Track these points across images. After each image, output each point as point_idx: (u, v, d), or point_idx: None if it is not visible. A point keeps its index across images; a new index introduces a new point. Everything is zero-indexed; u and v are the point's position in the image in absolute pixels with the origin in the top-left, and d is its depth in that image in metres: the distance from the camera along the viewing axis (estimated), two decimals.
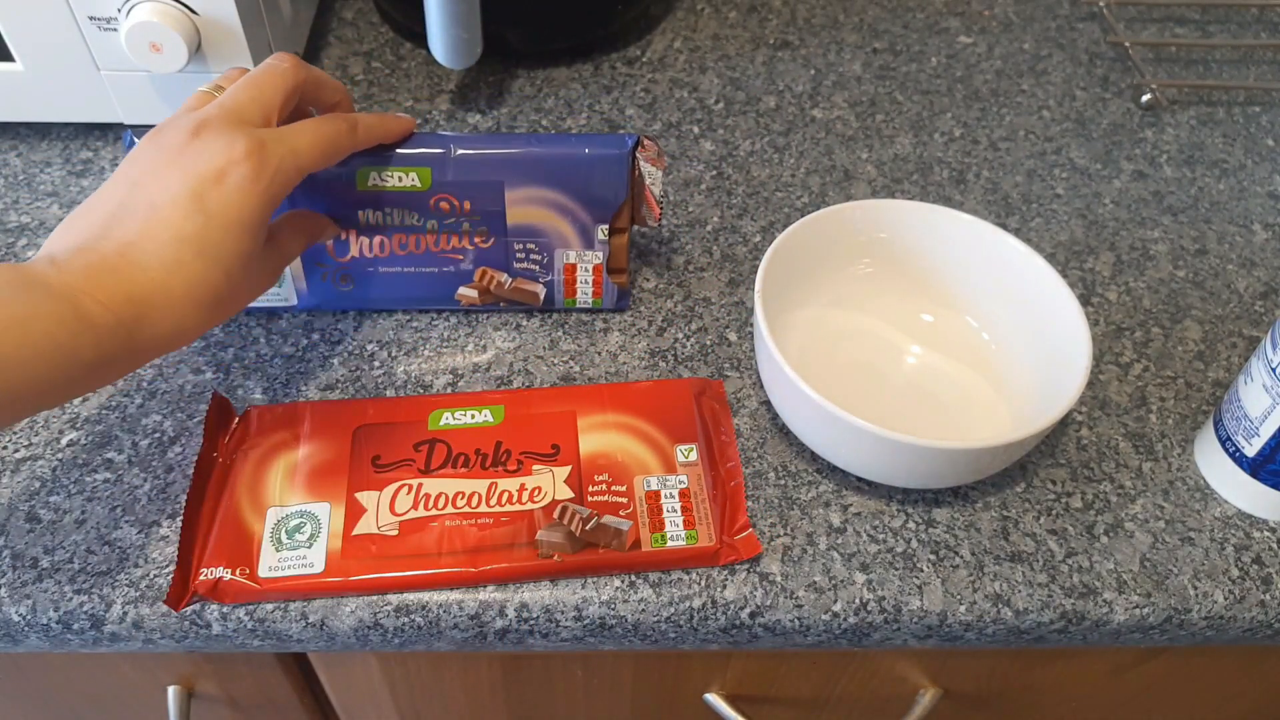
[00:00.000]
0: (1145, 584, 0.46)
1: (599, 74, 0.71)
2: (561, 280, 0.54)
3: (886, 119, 0.69)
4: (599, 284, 0.54)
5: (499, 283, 0.53)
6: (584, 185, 0.50)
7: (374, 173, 0.49)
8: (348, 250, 0.52)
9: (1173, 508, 0.49)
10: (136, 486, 0.48)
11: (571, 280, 0.54)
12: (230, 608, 0.44)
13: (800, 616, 0.45)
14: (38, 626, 0.44)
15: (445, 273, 0.53)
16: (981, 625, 0.46)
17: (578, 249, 0.53)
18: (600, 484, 0.47)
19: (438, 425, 0.49)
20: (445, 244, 0.52)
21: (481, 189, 0.50)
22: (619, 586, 0.45)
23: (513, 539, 0.45)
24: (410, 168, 0.49)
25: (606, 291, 0.55)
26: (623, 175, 0.50)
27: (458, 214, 0.51)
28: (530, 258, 0.53)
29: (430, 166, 0.49)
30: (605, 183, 0.50)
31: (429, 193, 0.50)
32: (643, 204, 0.52)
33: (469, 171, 0.50)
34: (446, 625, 0.44)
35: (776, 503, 0.48)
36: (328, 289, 0.54)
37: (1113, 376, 0.55)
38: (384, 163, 0.49)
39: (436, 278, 0.53)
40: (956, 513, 0.49)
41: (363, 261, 0.53)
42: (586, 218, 0.52)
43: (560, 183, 0.50)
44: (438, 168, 0.49)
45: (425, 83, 0.69)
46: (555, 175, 0.50)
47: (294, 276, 0.53)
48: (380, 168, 0.49)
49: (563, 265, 0.53)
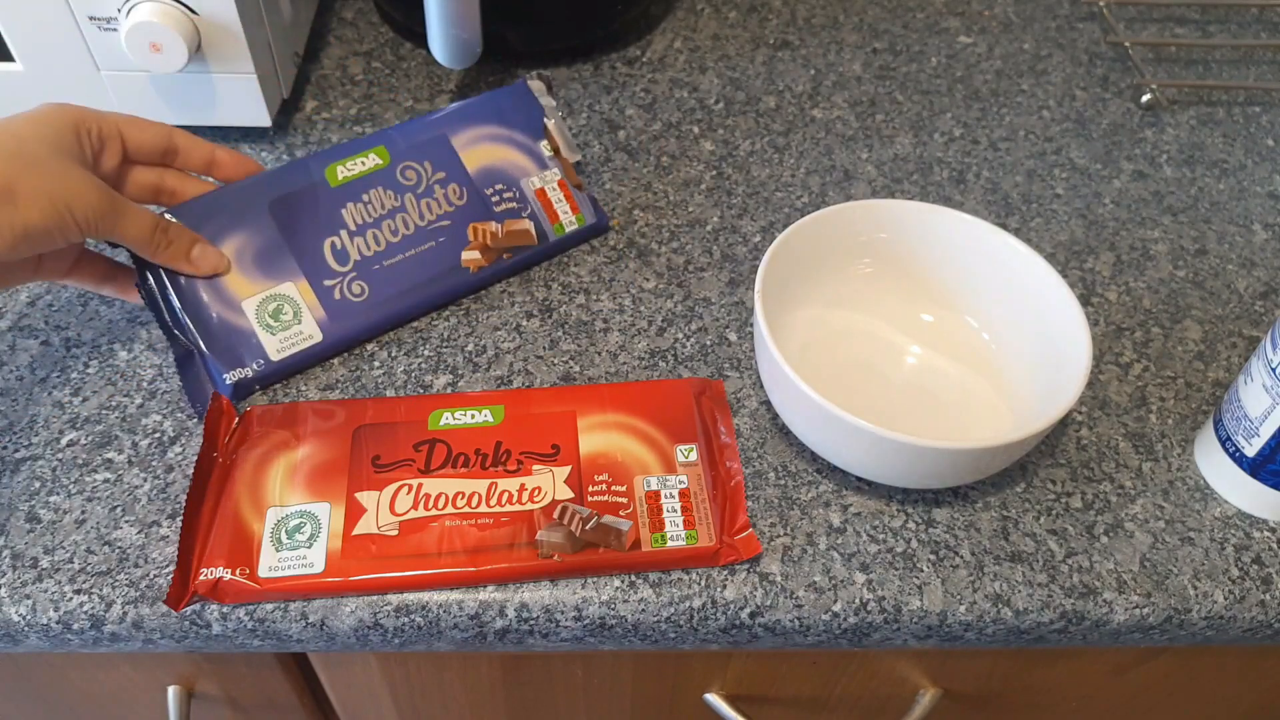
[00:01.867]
0: (1145, 584, 0.46)
1: (599, 74, 0.71)
2: (541, 209, 0.57)
3: (886, 119, 0.69)
4: (571, 199, 0.58)
5: (492, 233, 0.56)
6: (508, 114, 0.58)
7: (340, 166, 0.54)
8: (348, 257, 0.52)
9: (1173, 508, 0.49)
10: (136, 486, 0.48)
11: (549, 205, 0.57)
12: (230, 608, 0.44)
13: (800, 616, 0.45)
14: (38, 626, 0.44)
15: (441, 244, 0.55)
16: (981, 625, 0.46)
17: (536, 172, 0.58)
18: (600, 484, 0.47)
19: (438, 425, 0.49)
20: (429, 213, 0.55)
21: (432, 146, 0.56)
22: (619, 586, 0.45)
23: (513, 539, 0.45)
24: (368, 149, 0.54)
25: (582, 205, 0.58)
26: (532, 101, 0.59)
27: (424, 177, 0.55)
28: (504, 197, 0.56)
29: (384, 144, 0.55)
30: (523, 110, 0.58)
31: (391, 166, 0.55)
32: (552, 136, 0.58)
33: (416, 135, 0.56)
34: (446, 625, 0.44)
35: (776, 503, 0.48)
36: (345, 305, 0.52)
37: (1113, 376, 0.55)
38: (343, 154, 0.54)
39: (437, 250, 0.54)
40: (956, 513, 0.49)
41: (366, 261, 0.53)
42: (525, 139, 0.58)
43: (490, 118, 0.58)
44: (389, 143, 0.55)
45: (425, 83, 0.69)
46: (484, 113, 0.58)
47: (309, 307, 0.51)
48: (343, 159, 0.54)
49: (534, 192, 0.57)
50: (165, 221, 0.49)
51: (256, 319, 0.51)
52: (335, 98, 0.67)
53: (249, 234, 0.51)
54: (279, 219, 0.52)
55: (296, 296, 0.51)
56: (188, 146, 0.51)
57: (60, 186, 0.44)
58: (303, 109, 0.67)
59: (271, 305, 0.51)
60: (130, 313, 0.55)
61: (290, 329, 0.51)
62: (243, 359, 0.50)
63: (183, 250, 0.49)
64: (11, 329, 0.54)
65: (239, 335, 0.50)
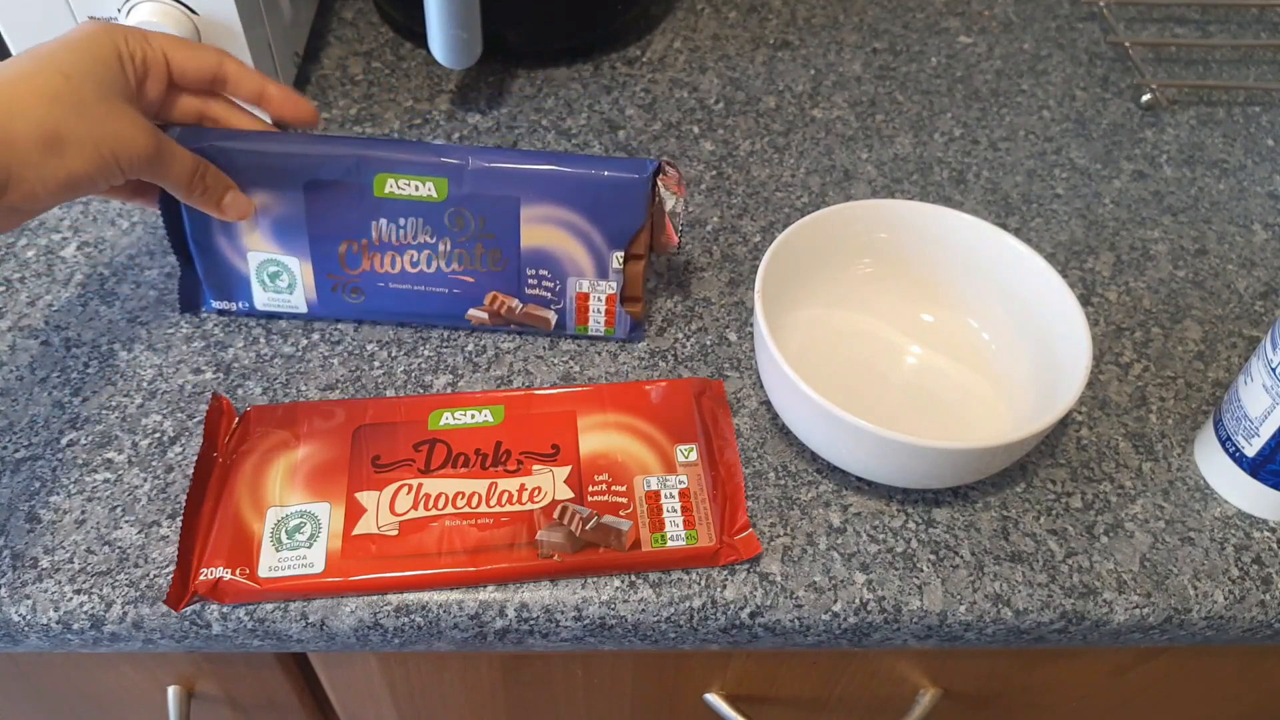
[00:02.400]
0: (1145, 584, 0.47)
1: (599, 74, 0.71)
2: (573, 308, 0.53)
3: (886, 119, 0.69)
4: (611, 313, 0.53)
5: (509, 307, 0.53)
6: (601, 208, 0.50)
7: (391, 179, 0.50)
8: (359, 264, 0.52)
9: (1173, 508, 0.49)
10: (136, 486, 0.48)
11: (584, 309, 0.53)
12: (230, 608, 0.44)
13: (800, 616, 0.45)
14: (38, 626, 0.44)
15: (455, 294, 0.53)
16: (981, 625, 0.46)
17: (591, 278, 0.52)
18: (600, 484, 0.47)
19: (438, 425, 0.49)
20: (458, 264, 0.52)
21: (497, 204, 0.50)
22: (619, 586, 0.45)
23: (513, 539, 0.45)
24: (427, 177, 0.49)
25: (619, 322, 0.54)
26: (641, 201, 0.50)
27: (472, 231, 0.51)
28: (542, 284, 0.52)
29: (447, 177, 0.49)
30: (623, 207, 0.50)
31: (444, 204, 0.50)
32: (662, 232, 0.51)
33: (486, 185, 0.49)
34: (446, 625, 0.44)
35: (776, 503, 0.48)
36: (338, 300, 0.54)
37: (1113, 376, 0.55)
38: (401, 169, 0.49)
39: (446, 298, 0.53)
40: (956, 513, 0.49)
41: (374, 276, 0.53)
42: (601, 242, 0.51)
43: (577, 203, 0.50)
44: (454, 179, 0.49)
45: (425, 83, 0.69)
46: (573, 195, 0.49)
47: (305, 287, 0.53)
48: (397, 174, 0.49)
49: (574, 294, 0.53)
50: (204, 166, 0.48)
51: (255, 273, 0.53)
52: (335, 98, 0.67)
53: (276, 200, 0.51)
54: (310, 200, 0.51)
55: (297, 272, 0.53)
56: (238, 76, 0.50)
57: (108, 132, 0.43)
58: None
59: (272, 268, 0.53)
60: (130, 312, 0.55)
61: (281, 294, 0.54)
62: (232, 295, 0.54)
63: (216, 196, 0.49)
64: (11, 329, 0.54)
65: (235, 275, 0.53)
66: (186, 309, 0.55)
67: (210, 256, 0.53)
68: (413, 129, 0.66)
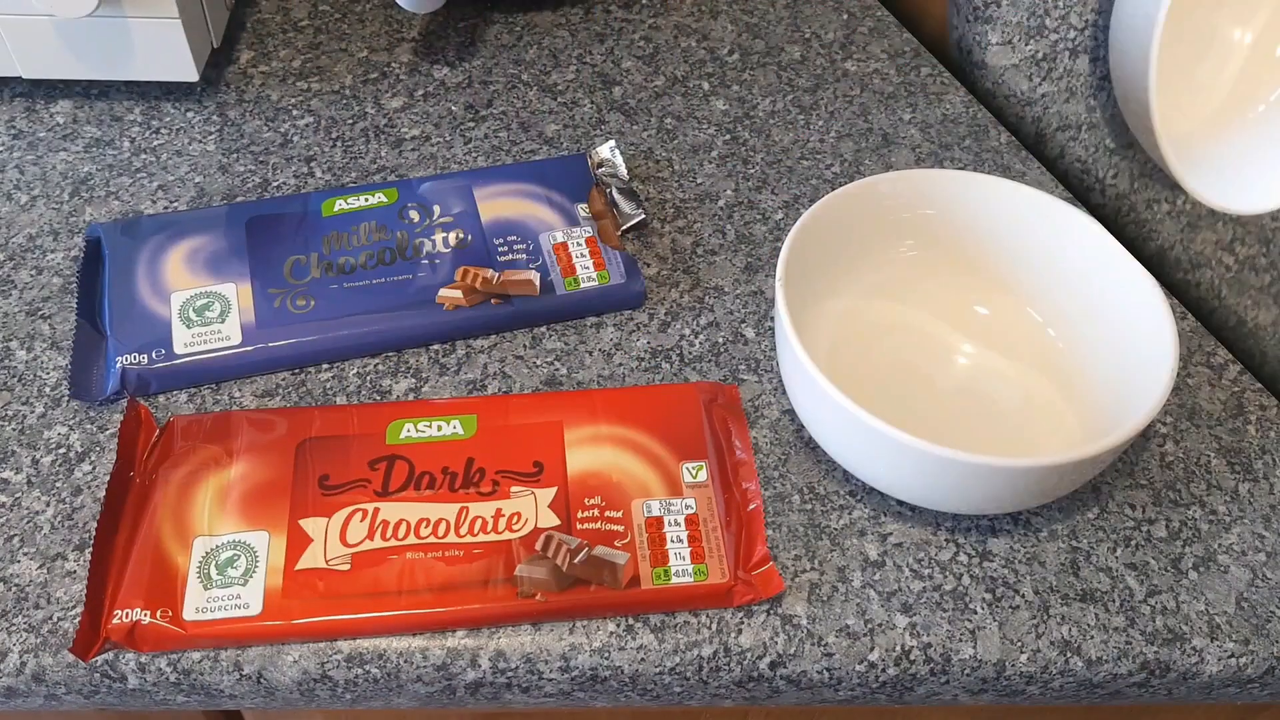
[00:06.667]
0: (1242, 629, 0.47)
1: (590, 19, 0.71)
2: (555, 261, 0.55)
3: (933, 72, 0.69)
4: (598, 253, 0.56)
5: (484, 279, 0.54)
6: (550, 179, 0.59)
7: (339, 200, 0.57)
8: (307, 273, 0.54)
9: (1275, 537, 0.49)
10: (37, 512, 0.48)
11: (567, 259, 0.55)
12: (149, 657, 0.44)
13: (830, 667, 0.45)
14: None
15: (420, 278, 0.54)
16: (1046, 677, 0.46)
17: (563, 228, 0.57)
18: (591, 509, 0.47)
19: (397, 439, 0.49)
20: (418, 252, 0.56)
21: (450, 193, 0.58)
22: (614, 631, 0.45)
23: (487, 575, 0.45)
24: (377, 190, 0.58)
25: (610, 263, 0.55)
26: (584, 167, 0.60)
27: (429, 221, 0.55)
28: (514, 249, 0.55)
29: (396, 187, 0.58)
30: (570, 175, 0.60)
31: (396, 205, 0.57)
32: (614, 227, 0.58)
33: (437, 183, 0.58)
34: (408, 678, 0.44)
35: (802, 531, 0.48)
36: (281, 314, 0.53)
37: (1203, 380, 0.55)
38: (348, 192, 0.58)
39: (413, 283, 0.54)
40: (1017, 543, 0.49)
41: (324, 280, 0.54)
42: (562, 199, 0.58)
43: (528, 177, 0.59)
44: (403, 188, 0.58)
45: (383, 29, 0.69)
46: (522, 173, 0.59)
47: (240, 310, 0.53)
48: (345, 195, 0.58)
49: (551, 246, 0.55)
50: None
51: (178, 311, 0.53)
52: (275, 47, 0.67)
53: (213, 238, 0.56)
54: (251, 232, 0.56)
55: (231, 297, 0.54)
56: None
57: None
58: (237, 61, 0.67)
59: (200, 301, 0.53)
60: (30, 304, 0.55)
61: (209, 326, 0.53)
62: (143, 345, 0.52)
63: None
64: None
65: (148, 321, 0.53)
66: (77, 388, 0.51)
67: (122, 306, 0.53)
68: (367, 84, 0.66)
